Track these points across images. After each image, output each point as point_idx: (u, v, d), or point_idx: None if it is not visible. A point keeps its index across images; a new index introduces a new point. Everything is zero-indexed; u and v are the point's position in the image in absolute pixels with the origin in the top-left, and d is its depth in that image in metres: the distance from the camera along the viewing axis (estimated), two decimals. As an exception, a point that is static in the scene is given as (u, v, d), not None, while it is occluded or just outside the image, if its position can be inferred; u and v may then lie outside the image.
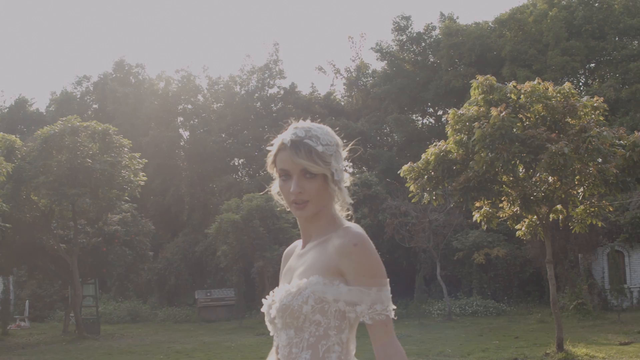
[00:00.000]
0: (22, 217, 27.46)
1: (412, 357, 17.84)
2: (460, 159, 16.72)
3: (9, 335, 29.77)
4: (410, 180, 17.31)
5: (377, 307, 2.96)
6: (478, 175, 16.17)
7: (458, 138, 16.57)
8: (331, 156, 3.12)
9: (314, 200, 3.10)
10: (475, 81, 16.83)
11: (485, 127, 15.53)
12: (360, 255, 2.97)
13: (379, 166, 43.99)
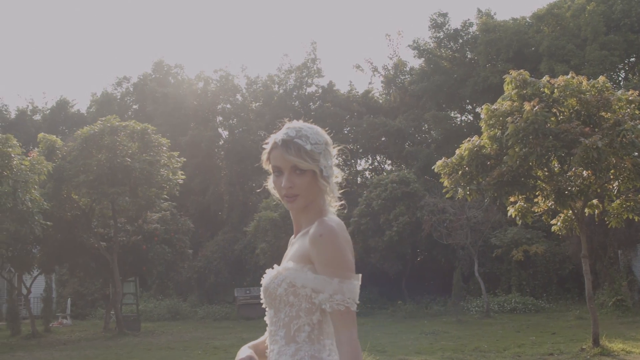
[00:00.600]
0: (63, 215, 27.87)
1: (448, 353, 17.89)
2: (494, 154, 16.73)
3: (51, 332, 30.22)
4: (444, 175, 17.38)
5: (337, 297, 3.15)
6: (512, 170, 16.18)
7: (492, 133, 16.59)
8: (320, 154, 3.40)
9: (303, 194, 3.39)
10: (508, 76, 16.84)
11: (519, 121, 15.54)
12: (325, 245, 3.19)
13: (417, 164, 43.91)
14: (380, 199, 34.57)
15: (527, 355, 17.00)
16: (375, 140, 50.59)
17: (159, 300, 40.07)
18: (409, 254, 35.23)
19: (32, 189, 22.12)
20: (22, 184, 21.39)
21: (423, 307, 33.61)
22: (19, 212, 21.69)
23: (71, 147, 27.37)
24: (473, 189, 17.16)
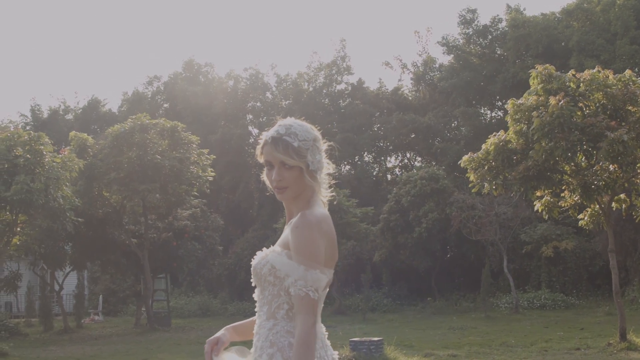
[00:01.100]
0: (94, 212, 28.16)
1: (475, 347, 17.94)
2: (520, 149, 16.77)
3: (83, 328, 30.58)
4: (470, 170, 17.45)
5: (300, 283, 3.34)
6: (537, 164, 16.22)
7: (518, 128, 16.64)
8: (307, 150, 3.57)
9: (292, 186, 3.58)
10: (534, 71, 16.87)
11: (544, 116, 15.57)
12: (298, 235, 3.40)
13: (446, 160, 43.91)
14: (410, 195, 34.62)
15: (554, 350, 17.01)
16: (405, 137, 50.57)
17: (190, 297, 40.37)
18: (439, 250, 35.25)
19: (63, 186, 22.40)
20: (53, 181, 21.67)
21: (452, 303, 33.66)
22: (50, 209, 21.98)
23: (102, 145, 27.65)
24: (499, 184, 17.22)
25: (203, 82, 57.86)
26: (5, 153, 21.45)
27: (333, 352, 3.64)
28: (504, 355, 16.27)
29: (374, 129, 53.42)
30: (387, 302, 34.89)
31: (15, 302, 39.15)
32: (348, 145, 50.43)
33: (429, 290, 35.94)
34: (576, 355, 15.86)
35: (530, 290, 33.17)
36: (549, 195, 17.45)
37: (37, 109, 61.58)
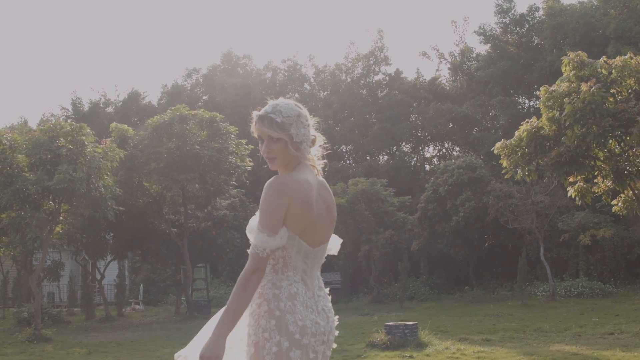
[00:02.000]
0: (135, 202, 28.65)
1: (509, 333, 18.10)
2: (553, 135, 16.90)
3: (124, 317, 31.13)
4: (503, 156, 17.63)
5: (252, 240, 3.88)
6: (569, 150, 16.35)
7: (550, 114, 16.77)
8: (291, 125, 4.07)
9: (279, 157, 4.08)
10: (566, 58, 16.99)
11: (576, 102, 15.70)
12: (262, 197, 3.95)
13: (484, 149, 43.92)
14: (447, 184, 34.70)
15: (587, 334, 17.14)
16: (443, 127, 50.68)
17: (229, 286, 40.71)
18: (476, 239, 35.30)
19: (105, 176, 22.83)
20: (95, 171, 22.10)
21: (490, 292, 33.71)
22: (92, 198, 22.42)
23: (142, 135, 28.08)
24: (532, 170, 17.39)
25: (241, 74, 58.33)
26: (48, 144, 21.91)
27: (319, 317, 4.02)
28: (538, 340, 16.44)
29: (412, 119, 53.54)
30: (425, 291, 35.06)
31: (58, 292, 39.84)
32: (386, 136, 50.65)
33: (467, 279, 36.04)
34: (609, 339, 15.97)
35: (568, 278, 33.09)
36: (582, 181, 17.56)
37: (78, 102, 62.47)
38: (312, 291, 4.05)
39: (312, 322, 3.95)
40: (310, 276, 4.07)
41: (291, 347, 3.85)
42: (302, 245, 3.98)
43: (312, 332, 3.93)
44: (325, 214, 4.11)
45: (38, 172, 21.48)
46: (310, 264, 4.06)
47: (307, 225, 3.97)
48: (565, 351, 14.03)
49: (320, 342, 3.99)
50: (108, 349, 18.73)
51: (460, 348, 14.97)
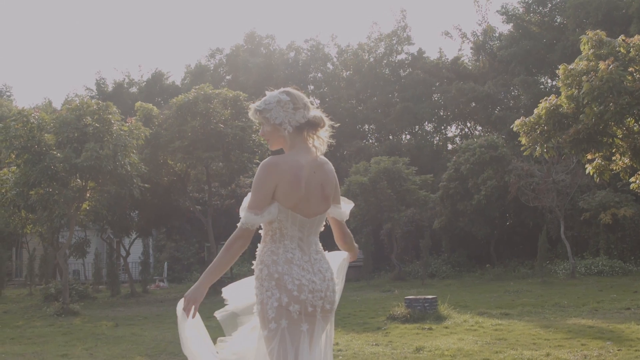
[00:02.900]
0: (159, 180, 29.03)
1: (527, 308, 18.39)
2: (571, 113, 17.11)
3: (148, 293, 31.62)
4: (522, 134, 17.88)
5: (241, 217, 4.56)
6: (587, 127, 16.57)
7: (569, 92, 16.97)
8: (270, 110, 4.70)
9: (270, 139, 4.78)
10: (584, 37, 17.17)
11: (594, 80, 15.90)
12: (254, 177, 4.57)
13: (505, 128, 44.02)
14: (469, 163, 34.88)
15: (604, 309, 17.41)
16: (465, 106, 50.75)
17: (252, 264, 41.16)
18: (498, 217, 35.51)
19: (130, 153, 23.24)
20: (121, 148, 22.50)
21: (511, 270, 33.90)
22: (118, 175, 22.82)
23: (167, 114, 28.42)
24: (550, 147, 17.65)
25: (264, 53, 58.55)
26: (75, 122, 22.31)
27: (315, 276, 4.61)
28: (555, 314, 16.72)
29: (434, 99, 53.67)
30: (446, 269, 35.32)
31: (83, 270, 40.42)
32: (408, 115, 50.80)
33: (488, 257, 36.28)
34: (625, 314, 16.24)
35: (588, 256, 33.20)
36: (600, 158, 17.76)
37: (102, 83, 63.03)
38: (309, 255, 4.66)
39: (309, 281, 4.55)
40: (307, 242, 4.67)
41: (290, 302, 4.45)
42: (296, 217, 4.57)
43: (309, 289, 4.52)
44: (319, 190, 4.64)
45: (65, 150, 21.87)
46: (306, 232, 4.66)
47: (298, 201, 4.55)
48: (581, 324, 14.33)
49: (318, 298, 4.56)
50: (134, 322, 19.20)
51: (479, 321, 15.30)
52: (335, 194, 4.82)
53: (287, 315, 4.44)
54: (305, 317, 4.51)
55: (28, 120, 22.42)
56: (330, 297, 4.66)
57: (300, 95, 4.79)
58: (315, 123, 4.73)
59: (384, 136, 54.66)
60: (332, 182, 4.76)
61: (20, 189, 22.67)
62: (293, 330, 4.45)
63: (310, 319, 4.54)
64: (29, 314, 22.63)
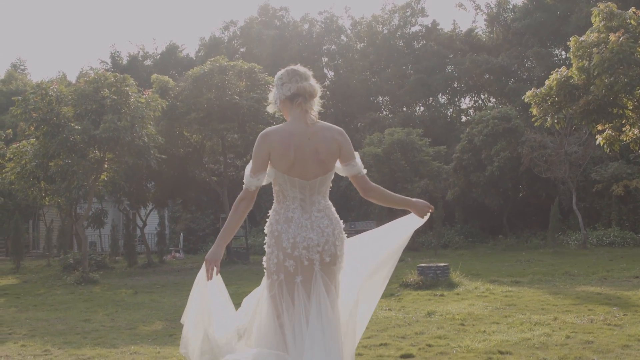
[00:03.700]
0: (175, 152, 29.38)
1: (538, 276, 18.71)
2: (582, 84, 17.35)
3: (165, 264, 32.04)
4: (534, 105, 18.14)
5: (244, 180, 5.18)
6: (597, 99, 16.81)
7: (580, 64, 17.20)
8: (274, 87, 5.34)
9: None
10: (595, 9, 17.36)
11: (604, 52, 16.13)
12: None
13: (519, 100, 44.10)
14: (482, 134, 35.10)
15: (613, 278, 17.72)
16: (479, 78, 50.84)
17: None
18: (510, 189, 35.74)
19: (148, 125, 23.61)
20: (139, 120, 22.85)
21: (523, 240, 34.19)
22: (136, 146, 23.18)
23: (182, 86, 28.71)
24: (561, 118, 17.90)
25: (278, 26, 58.61)
26: (93, 94, 22.68)
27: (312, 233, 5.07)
28: (565, 282, 17.03)
29: (448, 71, 53.71)
30: (459, 240, 35.64)
31: (99, 241, 40.89)
32: (422, 87, 50.93)
33: (501, 228, 36.58)
34: (634, 282, 16.55)
35: (600, 228, 33.46)
36: (610, 129, 17.99)
37: (116, 56, 63.28)
38: (310, 213, 5.13)
39: (304, 238, 5.04)
40: (310, 202, 5.15)
41: (285, 259, 5.00)
42: (294, 180, 5.09)
43: (304, 246, 5.02)
44: (314, 155, 5.12)
45: (84, 122, 22.26)
46: (308, 193, 5.15)
47: (291, 165, 5.07)
48: (590, 291, 14.66)
49: (315, 252, 5.03)
50: (153, 289, 19.63)
51: (490, 288, 15.64)
52: (342, 156, 5.22)
53: (284, 269, 5.01)
54: (300, 270, 5.01)
55: (46, 93, 22.82)
56: (329, 250, 5.08)
57: (294, 70, 5.30)
58: (298, 94, 5.17)
59: (397, 108, 54.82)
60: (329, 147, 5.15)
61: (40, 161, 23.13)
62: (289, 281, 5.00)
63: (307, 271, 5.02)
64: (49, 283, 23.07)
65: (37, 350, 9.57)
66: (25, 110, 22.60)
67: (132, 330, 11.64)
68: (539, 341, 8.78)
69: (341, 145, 5.21)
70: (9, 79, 70.98)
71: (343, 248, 5.22)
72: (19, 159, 24.78)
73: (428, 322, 10.92)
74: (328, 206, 5.24)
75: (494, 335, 9.34)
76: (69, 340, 10.46)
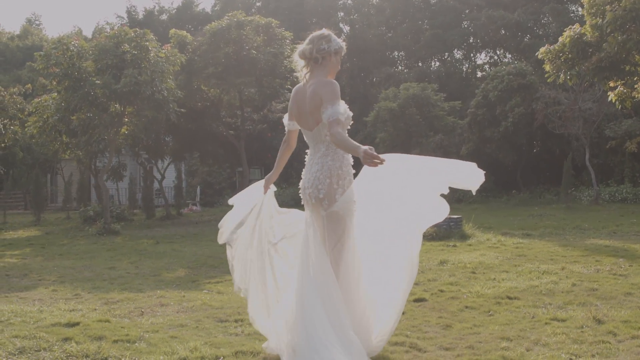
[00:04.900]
0: (193, 106, 29.68)
1: (549, 229, 19.15)
2: (595, 42, 17.62)
3: (182, 216, 32.56)
4: (547, 61, 18.44)
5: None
6: (610, 56, 17.08)
7: (593, 22, 17.45)
8: None
9: None
10: (609, -34, 17.58)
11: (617, 10, 16.37)
12: None
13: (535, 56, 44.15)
14: (497, 90, 35.28)
15: (622, 232, 18.09)
16: (494, 34, 50.82)
17: (283, 188, 41.94)
18: (525, 145, 35.95)
19: (167, 79, 23.96)
20: (158, 74, 23.19)
21: (536, 196, 34.51)
22: (155, 100, 23.50)
23: (200, 41, 28.93)
24: (573, 74, 18.20)
25: (295, -20, 58.60)
26: (113, 49, 23.01)
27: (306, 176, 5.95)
28: (575, 236, 17.43)
29: (464, 26, 53.70)
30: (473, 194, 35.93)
31: (117, 195, 41.43)
32: (437, 42, 51.00)
33: (514, 183, 36.90)
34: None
35: (613, 184, 33.66)
36: (622, 86, 18.28)
37: (132, 11, 63.50)
38: (313, 159, 5.93)
39: (303, 180, 5.96)
40: (316, 149, 5.93)
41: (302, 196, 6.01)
42: (304, 130, 6.01)
43: (302, 187, 5.96)
44: (306, 109, 5.88)
45: (105, 77, 22.62)
46: (312, 141, 5.95)
47: (298, 118, 6.03)
48: (598, 244, 15.07)
49: (305, 193, 5.90)
50: (173, 240, 20.15)
51: (501, 239, 16.09)
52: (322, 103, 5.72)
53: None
54: (306, 207, 5.97)
55: (68, 48, 23.16)
56: (313, 193, 5.81)
57: (311, 35, 6.01)
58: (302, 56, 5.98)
59: (413, 63, 54.95)
60: (313, 100, 5.80)
61: (62, 115, 23.55)
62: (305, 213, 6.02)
63: (309, 209, 5.94)
64: (72, 234, 23.63)
65: (68, 295, 10.04)
66: (47, 66, 23.01)
67: (157, 277, 12.13)
68: (545, 288, 9.21)
69: (321, 96, 5.71)
70: (24, 34, 71.43)
71: (332, 195, 5.77)
72: (41, 113, 25.21)
73: (440, 270, 11.37)
74: (327, 154, 5.83)
75: (503, 283, 9.79)
76: (97, 286, 10.95)
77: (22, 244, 20.26)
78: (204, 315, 8.10)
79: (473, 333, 6.77)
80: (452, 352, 6.06)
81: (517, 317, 7.44)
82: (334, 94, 5.64)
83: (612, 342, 6.18)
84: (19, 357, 6.10)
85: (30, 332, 6.97)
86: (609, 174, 35.21)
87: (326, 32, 5.94)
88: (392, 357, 5.95)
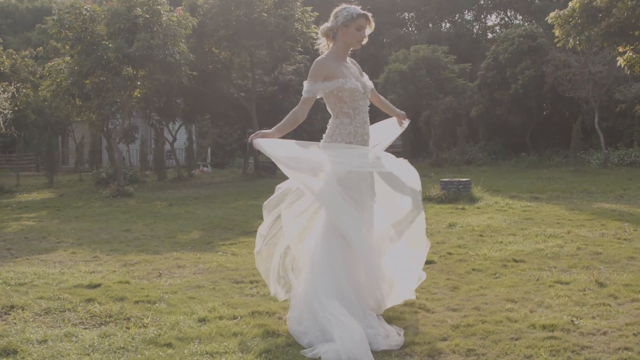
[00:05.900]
0: (205, 68, 29.86)
1: (557, 193, 19.33)
2: (604, 7, 17.72)
3: (194, 178, 32.84)
4: (557, 26, 18.56)
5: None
6: (619, 21, 17.19)
7: (604, -14, 17.57)
8: None
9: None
10: None
11: (627, -25, 16.50)
12: None
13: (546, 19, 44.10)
14: (507, 52, 35.35)
15: (629, 196, 18.28)
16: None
17: (294, 149, 42.17)
18: (534, 107, 36.00)
19: (179, 42, 24.13)
20: (171, 38, 23.36)
21: (545, 159, 34.67)
22: (168, 64, 23.70)
23: (211, 4, 29.02)
24: (583, 39, 18.33)
25: (305, -58, 58.29)
26: (126, 13, 23.14)
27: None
28: (582, 199, 17.65)
29: (475, -13, 53.58)
30: (482, 156, 36.18)
31: (128, 157, 41.66)
32: (448, 3, 50.89)
33: (524, 146, 37.05)
34: (649, 199, 17.19)
35: (622, 147, 33.80)
36: (631, 51, 18.40)
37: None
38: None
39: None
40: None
41: None
42: None
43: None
44: None
45: (117, 41, 22.80)
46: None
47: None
48: (605, 208, 15.31)
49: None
50: (186, 202, 20.42)
51: (509, 203, 16.35)
52: None
53: None
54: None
55: (80, 12, 23.35)
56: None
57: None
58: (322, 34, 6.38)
59: (423, 24, 54.87)
60: None
61: (75, 78, 23.80)
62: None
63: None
64: (85, 196, 23.84)
65: (87, 257, 10.34)
66: (60, 30, 23.24)
67: (172, 238, 12.42)
68: (551, 251, 9.48)
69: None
70: (33, -4, 71.28)
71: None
72: (55, 77, 25.44)
73: (449, 233, 11.65)
74: (330, 123, 6.23)
75: (509, 246, 10.06)
76: (114, 248, 11.24)
77: (37, 206, 20.54)
78: (220, 276, 8.40)
79: (479, 295, 7.05)
80: (459, 312, 6.34)
81: (522, 280, 7.71)
82: (311, 73, 6.09)
83: (613, 304, 6.45)
84: (45, 318, 6.40)
85: (54, 294, 7.28)
86: (618, 138, 35.31)
87: (337, 9, 6.20)
88: (401, 317, 6.25)
